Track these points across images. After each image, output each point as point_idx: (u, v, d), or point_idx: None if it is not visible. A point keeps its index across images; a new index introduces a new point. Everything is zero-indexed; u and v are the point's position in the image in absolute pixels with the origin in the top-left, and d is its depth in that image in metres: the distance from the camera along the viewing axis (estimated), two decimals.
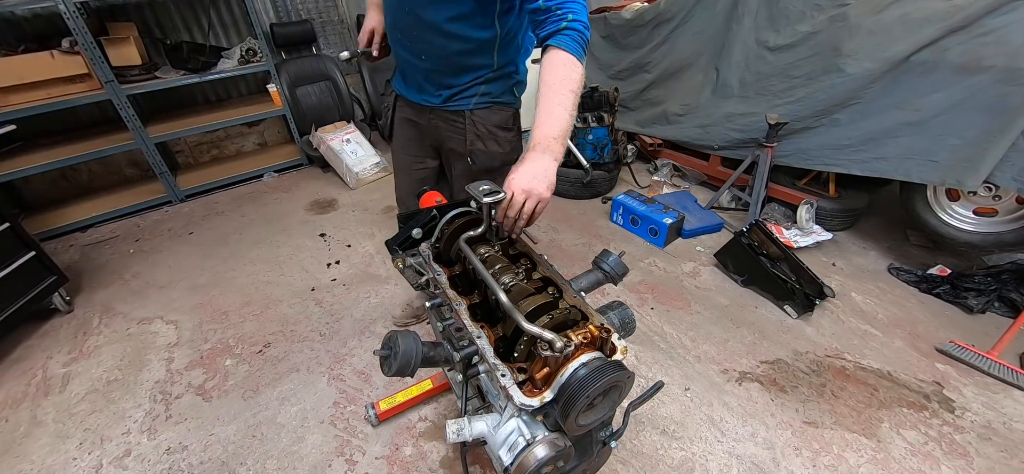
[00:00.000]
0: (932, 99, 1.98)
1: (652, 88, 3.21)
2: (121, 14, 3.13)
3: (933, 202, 2.21)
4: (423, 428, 1.60)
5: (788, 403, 1.64)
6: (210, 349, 2.00)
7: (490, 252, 1.05)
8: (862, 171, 2.23)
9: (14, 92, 2.65)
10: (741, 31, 2.59)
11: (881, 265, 2.31)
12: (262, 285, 2.39)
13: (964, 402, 1.62)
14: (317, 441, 1.58)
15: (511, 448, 0.83)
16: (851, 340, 1.89)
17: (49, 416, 1.73)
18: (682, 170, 3.26)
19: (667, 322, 2.02)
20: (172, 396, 1.79)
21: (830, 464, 1.44)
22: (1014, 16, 1.76)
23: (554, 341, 0.74)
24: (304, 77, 3.62)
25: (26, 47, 2.74)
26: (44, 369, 1.95)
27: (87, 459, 1.57)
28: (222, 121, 3.32)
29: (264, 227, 2.94)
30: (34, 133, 3.10)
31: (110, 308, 2.29)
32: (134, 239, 2.92)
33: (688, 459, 1.48)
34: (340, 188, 3.39)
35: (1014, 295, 1.96)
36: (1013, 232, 2.03)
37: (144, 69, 3.00)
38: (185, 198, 3.35)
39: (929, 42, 1.93)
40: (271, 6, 3.71)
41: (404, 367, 0.82)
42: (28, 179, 3.04)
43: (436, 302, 1.06)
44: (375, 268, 2.46)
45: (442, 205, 1.19)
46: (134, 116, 2.94)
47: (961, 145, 1.93)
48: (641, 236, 2.63)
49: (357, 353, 1.92)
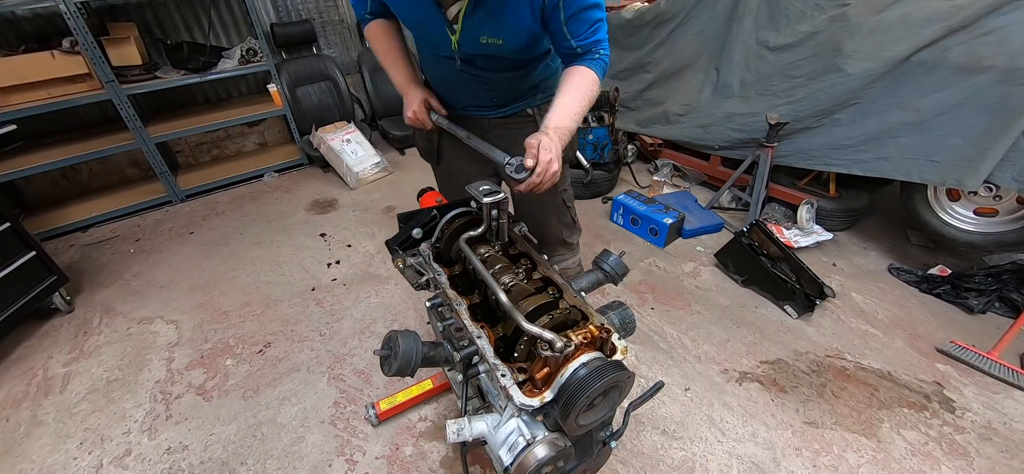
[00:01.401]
0: (933, 99, 1.97)
1: (652, 88, 3.21)
2: (121, 14, 3.14)
3: (934, 202, 2.21)
4: (423, 428, 1.60)
5: (788, 403, 1.64)
6: (210, 349, 2.00)
7: (490, 252, 1.06)
8: (863, 171, 2.22)
9: (15, 92, 2.65)
10: (741, 31, 2.59)
11: (881, 265, 2.31)
12: (262, 285, 2.39)
13: (964, 402, 1.62)
14: (317, 441, 1.58)
15: (511, 448, 0.83)
16: (851, 340, 1.89)
17: (50, 416, 1.73)
18: (682, 170, 3.26)
19: (667, 322, 2.01)
20: (172, 396, 1.79)
21: (830, 464, 1.44)
22: (1014, 16, 1.76)
23: (554, 341, 0.74)
24: (304, 77, 3.62)
25: (27, 47, 2.74)
26: (45, 369, 1.95)
27: (88, 459, 1.57)
28: (222, 121, 3.32)
29: (264, 227, 2.94)
30: (35, 133, 3.10)
31: (110, 308, 2.30)
32: (134, 239, 2.92)
33: (688, 459, 1.48)
34: (340, 188, 3.40)
35: (1014, 295, 1.95)
36: (1014, 232, 2.03)
37: (144, 69, 3.00)
38: (185, 198, 3.36)
39: (930, 42, 1.93)
40: (271, 6, 3.71)
41: (404, 367, 0.82)
42: (29, 179, 3.05)
43: (436, 302, 1.06)
44: (375, 268, 2.47)
45: (442, 205, 1.19)
46: (134, 116, 2.94)
47: (962, 145, 1.92)
48: (641, 236, 2.62)
49: (357, 353, 1.92)
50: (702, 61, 2.88)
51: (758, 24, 2.54)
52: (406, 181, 3.42)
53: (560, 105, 1.04)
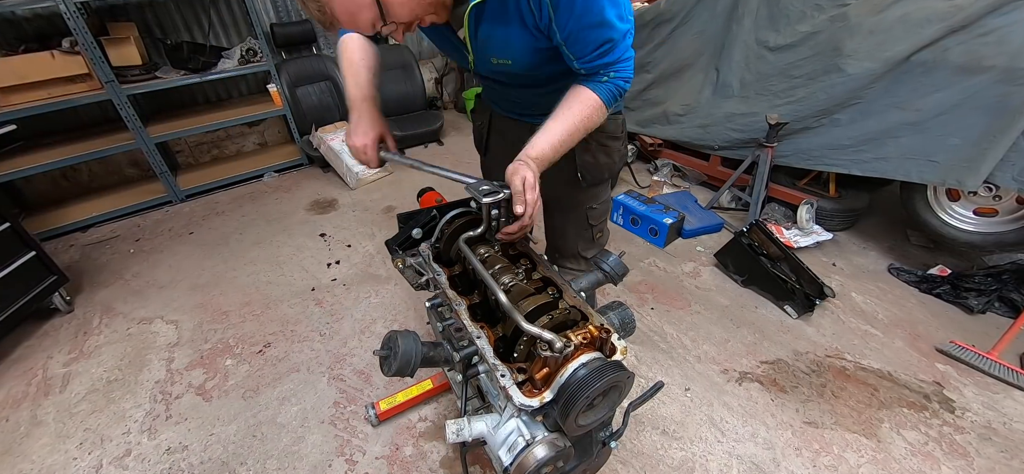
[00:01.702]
0: (932, 99, 1.97)
1: (652, 88, 3.21)
2: (121, 14, 3.13)
3: (933, 202, 2.21)
4: (423, 428, 1.60)
5: (788, 403, 1.64)
6: (210, 349, 2.00)
7: (490, 252, 1.05)
8: (862, 171, 2.22)
9: (15, 92, 2.65)
10: (741, 31, 2.59)
11: (881, 265, 2.31)
12: (262, 285, 2.39)
13: (964, 402, 1.62)
14: (317, 441, 1.58)
15: (511, 448, 0.83)
16: (851, 340, 1.89)
17: (49, 416, 1.73)
18: (682, 170, 3.26)
19: (667, 322, 2.01)
20: (172, 396, 1.79)
21: (830, 464, 1.44)
22: (1014, 16, 1.76)
23: (554, 341, 0.74)
24: (304, 77, 3.62)
25: (26, 47, 2.74)
26: (44, 369, 1.95)
27: (87, 459, 1.57)
28: (222, 121, 3.32)
29: (264, 227, 2.94)
30: (35, 133, 3.10)
31: (110, 308, 2.30)
32: (134, 239, 2.92)
33: (688, 459, 1.48)
34: (340, 188, 3.40)
35: (1014, 295, 1.95)
36: (1013, 232, 2.03)
37: (144, 69, 3.00)
38: (185, 198, 3.35)
39: (929, 42, 1.93)
40: (271, 6, 3.71)
41: (404, 367, 0.82)
42: (29, 179, 3.05)
43: (436, 302, 1.06)
44: (375, 268, 2.47)
45: (442, 205, 1.19)
46: (134, 116, 2.94)
47: (961, 145, 1.92)
48: (641, 236, 2.62)
49: (357, 353, 1.92)
50: (702, 61, 2.88)
51: (758, 24, 2.54)
52: (406, 181, 3.42)
53: (547, 129, 0.95)
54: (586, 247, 1.45)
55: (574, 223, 1.37)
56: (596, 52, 0.90)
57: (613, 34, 0.89)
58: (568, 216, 1.36)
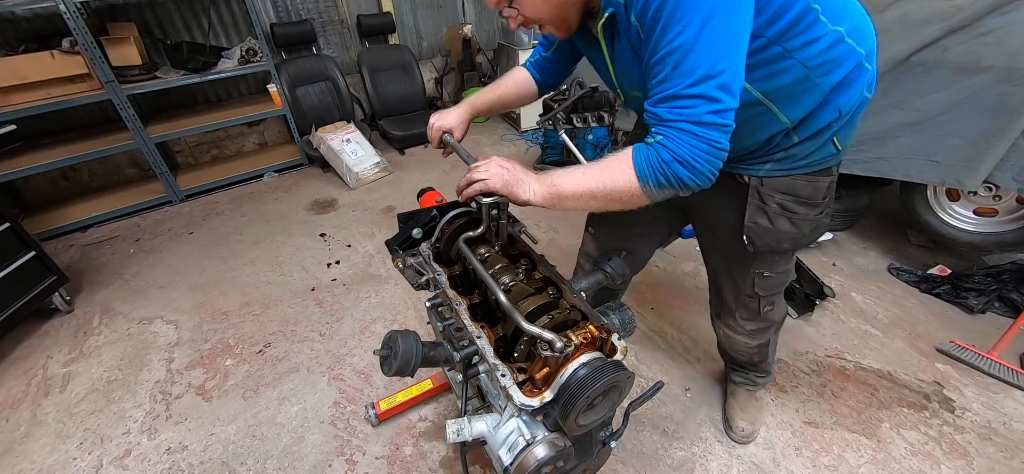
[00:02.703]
0: (932, 99, 1.97)
1: None
2: (121, 14, 3.13)
3: (933, 202, 2.21)
4: (423, 428, 1.60)
5: (788, 403, 1.64)
6: (210, 349, 2.00)
7: (490, 252, 1.06)
8: (862, 171, 2.22)
9: (14, 92, 2.65)
10: None
11: (881, 265, 2.31)
12: (262, 285, 2.39)
13: (964, 402, 1.62)
14: (317, 441, 1.58)
15: (511, 448, 0.83)
16: (851, 340, 1.89)
17: (49, 416, 1.73)
18: None
19: (667, 322, 2.01)
20: (172, 396, 1.79)
21: (830, 464, 1.44)
22: (1014, 16, 1.76)
23: (554, 341, 0.74)
24: (304, 77, 3.62)
25: (26, 47, 2.74)
26: (44, 369, 1.95)
27: (87, 459, 1.57)
28: (222, 121, 3.32)
29: (264, 227, 2.94)
30: (34, 133, 3.10)
31: (110, 308, 2.30)
32: (134, 239, 2.92)
33: (688, 459, 1.48)
34: (340, 188, 3.40)
35: (1014, 295, 1.95)
36: (1013, 232, 2.03)
37: (144, 69, 3.00)
38: (185, 198, 3.35)
39: (929, 42, 1.92)
40: (271, 6, 3.71)
41: (404, 367, 0.82)
42: (28, 179, 3.04)
43: (436, 302, 1.06)
44: (375, 268, 2.46)
45: (442, 205, 1.19)
46: (134, 116, 2.94)
47: (961, 145, 1.92)
48: None
49: (357, 353, 1.92)
50: None
51: None
52: (406, 181, 3.42)
53: (572, 170, 0.82)
54: (747, 317, 1.22)
55: (735, 282, 1.18)
56: (658, 88, 0.70)
57: (682, 62, 0.66)
58: (731, 271, 1.17)
